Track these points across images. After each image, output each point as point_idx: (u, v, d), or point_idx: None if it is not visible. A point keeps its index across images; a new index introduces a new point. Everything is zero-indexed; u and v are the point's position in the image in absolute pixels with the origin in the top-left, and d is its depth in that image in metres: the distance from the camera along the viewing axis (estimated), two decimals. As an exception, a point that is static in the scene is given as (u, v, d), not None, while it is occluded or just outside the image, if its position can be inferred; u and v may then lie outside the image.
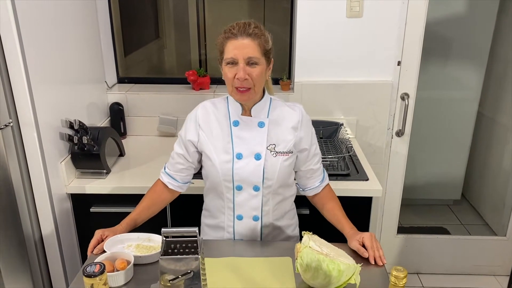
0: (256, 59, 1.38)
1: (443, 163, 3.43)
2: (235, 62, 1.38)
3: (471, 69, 3.17)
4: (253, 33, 1.37)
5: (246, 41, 1.37)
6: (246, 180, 1.49)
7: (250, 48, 1.37)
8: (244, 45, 1.37)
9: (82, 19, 2.21)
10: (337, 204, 1.63)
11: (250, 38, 1.37)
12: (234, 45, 1.37)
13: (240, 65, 1.37)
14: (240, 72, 1.37)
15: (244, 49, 1.37)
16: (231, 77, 1.40)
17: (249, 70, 1.38)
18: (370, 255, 1.41)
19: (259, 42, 1.38)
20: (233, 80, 1.40)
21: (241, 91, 1.41)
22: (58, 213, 1.92)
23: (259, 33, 1.39)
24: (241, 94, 1.42)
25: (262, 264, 1.43)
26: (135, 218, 1.57)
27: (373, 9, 2.30)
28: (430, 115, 3.26)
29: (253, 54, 1.37)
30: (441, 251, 2.89)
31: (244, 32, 1.37)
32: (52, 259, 1.93)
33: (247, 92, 1.41)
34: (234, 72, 1.38)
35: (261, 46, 1.39)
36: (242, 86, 1.40)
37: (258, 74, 1.40)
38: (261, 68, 1.40)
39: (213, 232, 1.64)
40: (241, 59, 1.37)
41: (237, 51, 1.37)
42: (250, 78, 1.39)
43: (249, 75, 1.38)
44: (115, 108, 2.46)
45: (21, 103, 1.70)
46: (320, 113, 2.44)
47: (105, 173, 2.04)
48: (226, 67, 1.41)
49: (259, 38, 1.38)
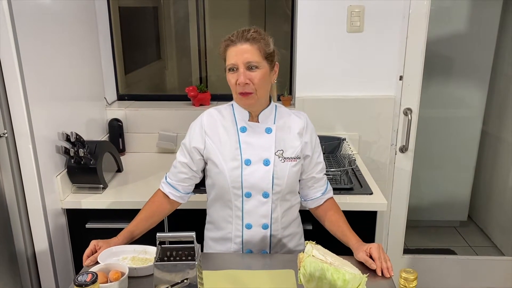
0: (256, 63, 1.38)
1: (448, 183, 3.37)
2: (235, 68, 1.39)
3: (474, 87, 3.16)
4: (251, 37, 1.38)
5: (245, 46, 1.38)
6: (256, 186, 1.47)
7: (249, 53, 1.38)
8: (243, 50, 1.37)
9: (82, 38, 2.22)
10: (342, 217, 1.57)
11: (248, 43, 1.38)
12: (233, 51, 1.39)
13: (240, 70, 1.38)
14: (240, 77, 1.38)
15: (243, 54, 1.37)
16: (233, 83, 1.41)
17: (250, 75, 1.38)
18: (377, 266, 1.35)
19: (259, 46, 1.39)
20: (236, 86, 1.40)
21: (243, 95, 1.40)
22: (53, 228, 1.86)
23: (257, 37, 1.39)
24: (244, 98, 1.42)
25: (264, 276, 1.37)
26: (132, 230, 1.51)
27: (374, 24, 2.30)
28: (433, 134, 3.23)
29: (252, 58, 1.38)
30: (448, 272, 2.80)
31: (243, 38, 1.38)
32: (45, 277, 1.86)
33: (249, 95, 1.41)
34: (236, 78, 1.39)
35: (261, 50, 1.39)
36: (244, 91, 1.40)
37: (260, 78, 1.39)
38: (263, 72, 1.40)
39: (219, 245, 1.58)
40: (241, 64, 1.38)
41: (236, 57, 1.38)
42: (251, 82, 1.39)
43: (250, 79, 1.38)
44: (114, 124, 2.43)
45: (16, 114, 1.67)
46: (322, 128, 2.40)
47: (101, 188, 1.99)
48: (228, 74, 1.42)
49: (258, 42, 1.39)
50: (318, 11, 2.29)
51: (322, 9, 2.29)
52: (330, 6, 2.28)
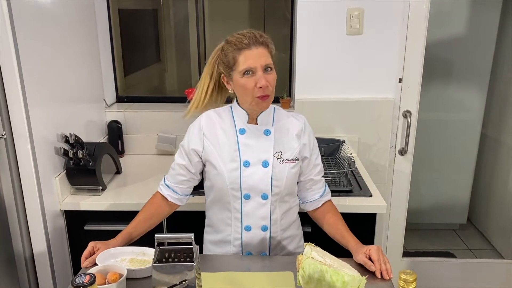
0: (271, 65, 1.40)
1: (448, 186, 3.37)
2: (252, 71, 1.37)
3: (473, 90, 3.16)
4: (263, 41, 1.39)
5: (260, 50, 1.37)
6: (255, 188, 1.46)
7: (265, 56, 1.38)
8: (259, 53, 1.37)
9: (82, 39, 2.21)
10: (340, 219, 1.57)
11: (262, 46, 1.38)
12: (249, 55, 1.36)
13: (259, 73, 1.37)
14: (262, 80, 1.36)
15: (260, 58, 1.37)
16: (251, 87, 1.38)
17: (268, 77, 1.38)
18: (376, 268, 1.35)
19: (269, 49, 1.41)
20: (254, 90, 1.38)
21: (264, 98, 1.39)
22: (51, 230, 1.85)
23: (267, 41, 1.41)
24: (264, 102, 1.40)
25: (262, 278, 1.36)
26: (130, 232, 1.51)
27: (373, 26, 2.30)
28: (433, 137, 3.23)
29: (269, 60, 1.39)
30: (448, 275, 2.79)
31: (256, 42, 1.37)
32: (43, 279, 1.85)
33: (268, 98, 1.41)
34: (253, 82, 1.37)
35: (271, 53, 1.42)
36: (265, 93, 1.38)
37: (275, 79, 1.42)
38: (275, 74, 1.42)
39: (218, 248, 1.58)
40: (259, 67, 1.37)
41: (253, 60, 1.36)
42: (269, 84, 1.39)
43: (268, 81, 1.38)
44: (113, 126, 2.43)
45: (15, 116, 1.66)
46: (321, 130, 2.40)
47: (100, 189, 1.98)
48: (243, 78, 1.38)
49: (268, 46, 1.41)
50: (318, 13, 2.29)
51: (322, 11, 2.29)
52: (330, 8, 2.28)
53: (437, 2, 2.88)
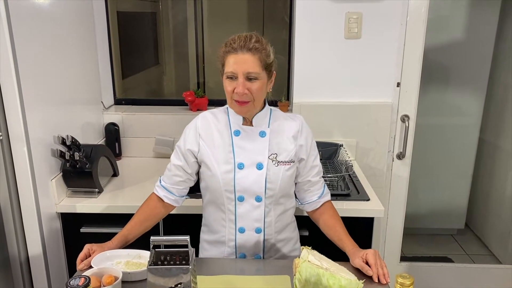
0: (256, 74, 1.37)
1: (445, 191, 3.36)
2: (234, 76, 1.37)
3: (471, 95, 3.16)
4: (253, 47, 1.36)
5: (246, 56, 1.35)
6: (248, 190, 1.46)
7: (250, 63, 1.36)
8: (244, 60, 1.35)
9: (80, 41, 2.21)
10: (339, 221, 1.56)
11: (250, 53, 1.35)
12: (234, 60, 1.36)
13: (239, 80, 1.36)
14: (239, 87, 1.36)
15: (243, 64, 1.35)
16: (230, 91, 1.40)
17: (248, 85, 1.37)
18: (374, 272, 1.34)
19: (260, 57, 1.37)
20: (232, 93, 1.39)
21: (239, 103, 1.40)
22: (47, 233, 1.84)
23: (259, 47, 1.37)
24: (240, 107, 1.41)
25: (259, 282, 1.36)
26: (126, 234, 1.50)
27: (372, 30, 2.30)
28: (431, 141, 3.23)
29: (253, 69, 1.36)
30: (445, 280, 2.78)
31: (245, 47, 1.35)
32: (38, 281, 1.84)
33: (245, 104, 1.40)
34: (233, 86, 1.38)
35: (262, 61, 1.38)
36: (241, 99, 1.39)
37: (258, 89, 1.39)
38: (261, 83, 1.39)
39: (213, 248, 1.57)
40: (241, 74, 1.36)
41: (237, 66, 1.36)
42: (249, 92, 1.38)
43: (248, 89, 1.37)
44: (111, 128, 2.42)
45: (12, 117, 1.65)
46: (319, 134, 2.39)
47: (97, 192, 1.97)
48: (226, 81, 1.40)
49: (259, 53, 1.37)
50: (316, 17, 2.29)
51: (320, 15, 2.29)
52: (328, 12, 2.28)
53: (435, 7, 2.88)
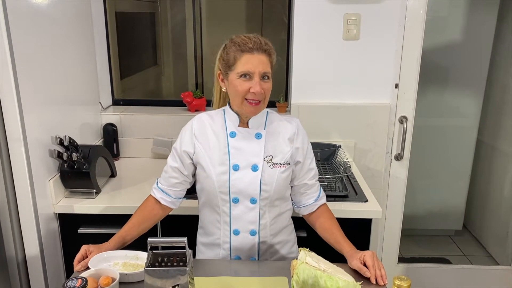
0: (269, 74, 1.42)
1: (443, 192, 3.37)
2: (250, 75, 1.39)
3: (469, 96, 3.17)
4: (267, 49, 1.41)
5: (262, 57, 1.40)
6: (243, 191, 1.46)
7: (265, 64, 1.40)
8: (260, 60, 1.39)
9: (78, 42, 2.20)
10: (335, 224, 1.56)
11: (265, 54, 1.41)
12: (249, 59, 1.39)
13: (256, 79, 1.39)
14: (256, 86, 1.38)
15: (260, 64, 1.39)
16: (243, 90, 1.40)
17: (263, 85, 1.40)
18: (371, 274, 1.34)
19: (270, 59, 1.43)
20: (245, 93, 1.40)
21: (253, 103, 1.41)
22: (44, 233, 1.83)
23: (271, 50, 1.43)
24: (254, 107, 1.42)
25: (256, 284, 1.35)
26: (123, 236, 1.50)
27: (370, 31, 2.30)
28: (429, 142, 3.23)
29: (268, 69, 1.41)
30: (443, 281, 2.78)
31: (260, 48, 1.40)
32: (35, 282, 1.83)
33: (258, 105, 1.42)
34: (248, 86, 1.39)
35: (272, 62, 1.44)
36: (255, 99, 1.40)
37: (270, 88, 1.44)
38: (271, 83, 1.44)
39: (209, 250, 1.57)
40: (257, 74, 1.39)
41: (252, 65, 1.38)
42: (263, 92, 1.41)
43: (263, 89, 1.40)
44: (109, 129, 2.41)
45: (9, 117, 1.65)
46: (318, 135, 2.39)
47: (94, 192, 1.97)
48: (238, 80, 1.40)
49: (270, 55, 1.43)
50: (315, 18, 2.29)
51: (319, 16, 2.29)
52: (327, 13, 2.28)
53: (433, 8, 2.89)
